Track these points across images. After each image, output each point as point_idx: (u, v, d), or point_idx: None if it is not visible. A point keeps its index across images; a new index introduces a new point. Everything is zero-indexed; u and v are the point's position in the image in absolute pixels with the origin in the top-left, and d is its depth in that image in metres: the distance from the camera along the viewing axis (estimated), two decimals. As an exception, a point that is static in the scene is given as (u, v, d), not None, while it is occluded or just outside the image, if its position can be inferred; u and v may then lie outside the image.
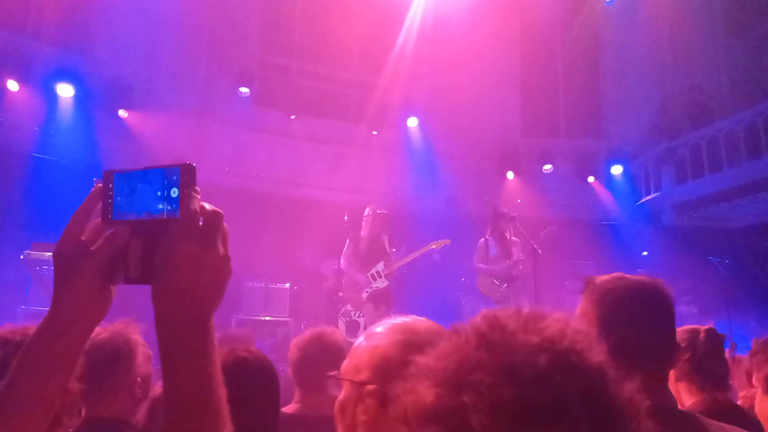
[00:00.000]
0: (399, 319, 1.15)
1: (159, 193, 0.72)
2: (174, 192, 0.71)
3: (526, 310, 0.59)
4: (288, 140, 10.15)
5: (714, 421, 1.49)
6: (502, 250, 6.96)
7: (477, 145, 11.21)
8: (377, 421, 1.03)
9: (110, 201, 0.75)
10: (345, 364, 1.14)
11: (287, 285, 7.70)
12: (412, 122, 10.49)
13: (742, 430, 1.44)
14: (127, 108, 8.51)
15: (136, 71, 8.77)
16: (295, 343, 2.40)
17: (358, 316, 6.66)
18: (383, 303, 6.55)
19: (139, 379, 1.95)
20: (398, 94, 10.59)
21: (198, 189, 0.71)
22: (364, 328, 6.70)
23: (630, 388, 0.54)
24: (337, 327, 6.62)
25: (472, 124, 11.29)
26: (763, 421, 1.93)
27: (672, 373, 2.18)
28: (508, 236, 6.97)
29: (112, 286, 0.77)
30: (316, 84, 10.65)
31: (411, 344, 1.03)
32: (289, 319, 7.50)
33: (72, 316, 0.74)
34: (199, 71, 9.76)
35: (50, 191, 7.45)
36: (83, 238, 0.75)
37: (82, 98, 8.13)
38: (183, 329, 0.69)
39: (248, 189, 9.41)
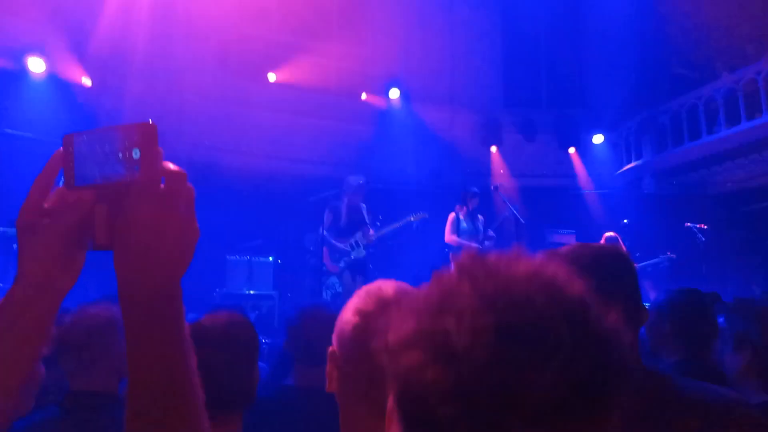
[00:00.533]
0: (369, 286, 1.15)
1: (120, 155, 0.68)
2: (135, 153, 0.67)
3: (508, 251, 0.59)
4: (268, 113, 10.01)
5: (691, 380, 1.52)
6: (472, 226, 7.12)
7: (459, 116, 11.17)
8: (338, 382, 1.07)
9: (72, 165, 0.71)
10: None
11: (270, 258, 7.70)
12: (394, 93, 10.39)
13: (719, 387, 1.47)
14: (99, 82, 8.30)
15: (110, 44, 8.54)
16: (290, 318, 2.42)
17: (342, 288, 6.71)
18: (360, 273, 6.64)
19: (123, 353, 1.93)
20: (379, 65, 10.47)
21: (161, 149, 0.67)
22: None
23: (613, 319, 0.54)
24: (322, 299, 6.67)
25: (454, 94, 11.24)
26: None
27: (660, 329, 2.26)
28: (477, 214, 7.27)
29: (80, 254, 0.74)
30: (295, 55, 10.48)
31: (362, 312, 1.06)
32: (273, 293, 7.51)
33: (36, 285, 0.71)
34: (177, 44, 9.54)
35: (25, 168, 7.29)
36: (46, 205, 0.71)
37: (53, 73, 7.92)
38: (145, 294, 0.65)
39: (228, 163, 9.29)
